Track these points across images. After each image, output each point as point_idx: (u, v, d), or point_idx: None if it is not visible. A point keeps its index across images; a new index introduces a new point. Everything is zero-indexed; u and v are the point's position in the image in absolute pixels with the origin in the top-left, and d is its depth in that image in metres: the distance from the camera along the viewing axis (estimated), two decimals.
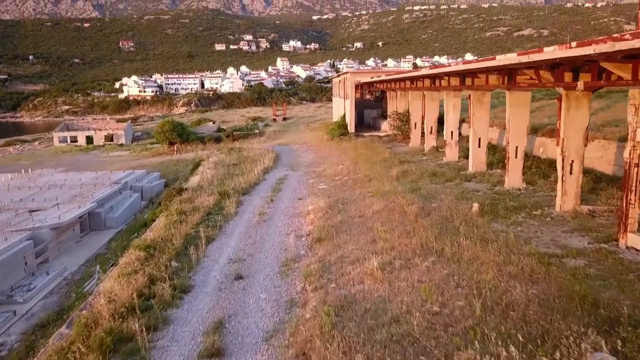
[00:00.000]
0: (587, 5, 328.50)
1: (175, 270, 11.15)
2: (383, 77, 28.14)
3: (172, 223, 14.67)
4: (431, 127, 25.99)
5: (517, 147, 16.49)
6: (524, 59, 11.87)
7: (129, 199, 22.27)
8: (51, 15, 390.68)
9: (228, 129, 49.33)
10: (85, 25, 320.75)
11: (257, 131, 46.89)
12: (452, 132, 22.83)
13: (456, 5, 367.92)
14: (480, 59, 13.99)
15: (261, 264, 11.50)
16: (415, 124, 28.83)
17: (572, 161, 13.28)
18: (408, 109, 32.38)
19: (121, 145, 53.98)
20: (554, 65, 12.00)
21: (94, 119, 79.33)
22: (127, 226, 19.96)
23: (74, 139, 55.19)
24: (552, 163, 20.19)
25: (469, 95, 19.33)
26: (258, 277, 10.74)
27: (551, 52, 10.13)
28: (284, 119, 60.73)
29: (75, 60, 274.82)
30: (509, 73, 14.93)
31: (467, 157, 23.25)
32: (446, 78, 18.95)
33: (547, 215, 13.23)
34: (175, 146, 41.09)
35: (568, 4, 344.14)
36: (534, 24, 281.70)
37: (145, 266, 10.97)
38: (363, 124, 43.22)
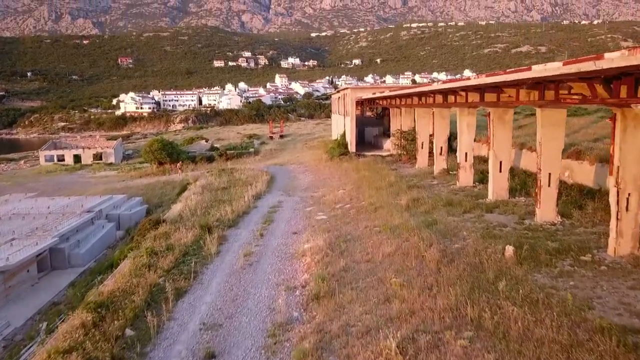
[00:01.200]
0: (583, 22, 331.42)
1: (128, 342, 8.49)
2: (387, 93, 25.81)
3: (139, 268, 12.05)
4: (441, 148, 23.55)
5: (550, 174, 14.00)
6: (573, 68, 9.44)
7: (102, 231, 19.67)
8: (51, 33, 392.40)
9: (222, 147, 46.95)
10: (85, 42, 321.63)
11: (252, 150, 44.46)
12: (466, 153, 20.38)
13: (453, 23, 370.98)
14: (509, 70, 11.53)
15: (241, 333, 8.85)
16: (422, 143, 26.42)
17: (629, 194, 10.76)
18: (414, 127, 30.07)
19: (110, 164, 51.51)
20: (610, 78, 9.59)
21: (83, 136, 77.09)
22: (96, 263, 17.33)
23: (61, 158, 52.71)
24: (582, 189, 17.73)
25: (488, 113, 16.93)
26: (236, 355, 8.08)
27: (622, 58, 7.69)
28: (281, 136, 58.42)
29: (74, 76, 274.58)
30: (543, 87, 12.56)
31: (482, 182, 20.84)
32: (463, 93, 16.56)
33: (600, 262, 10.65)
34: (179, 164, 38.50)
35: (564, 22, 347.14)
36: (531, 41, 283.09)
37: (88, 339, 8.30)
38: (364, 143, 40.86)
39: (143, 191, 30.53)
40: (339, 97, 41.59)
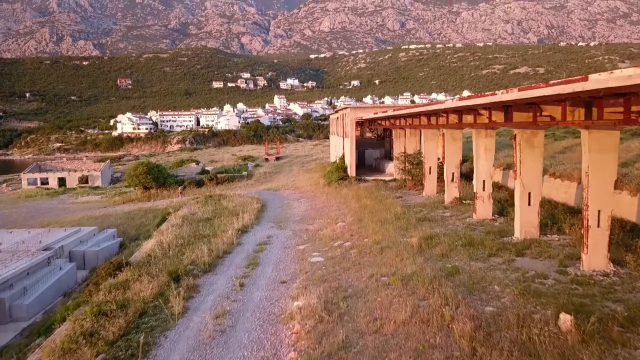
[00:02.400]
0: (580, 44, 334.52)
1: None
2: (391, 113, 23.25)
3: (74, 339, 9.15)
4: (452, 174, 20.85)
5: (599, 212, 11.26)
6: None
7: (58, 273, 16.80)
8: (52, 54, 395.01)
9: (213, 170, 44.28)
10: (84, 63, 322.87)
11: (245, 173, 41.73)
12: (484, 181, 17.68)
13: (451, 44, 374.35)
14: (552, 82, 8.86)
15: None
16: (430, 168, 23.76)
17: None
18: (419, 150, 27.49)
19: (97, 188, 48.72)
20: None
21: (69, 158, 74.48)
22: (45, 315, 14.41)
23: (45, 181, 49.94)
24: (623, 226, 14.99)
25: (514, 135, 14.30)
26: None
27: None
28: (277, 158, 55.80)
29: (72, 97, 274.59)
30: (589, 104, 9.97)
31: (502, 214, 18.11)
32: (484, 112, 13.94)
33: None
34: (180, 188, 35.44)
35: (562, 43, 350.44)
36: (529, 62, 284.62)
37: None
38: (364, 166, 38.28)
39: (122, 220, 27.69)
40: (338, 118, 39.17)
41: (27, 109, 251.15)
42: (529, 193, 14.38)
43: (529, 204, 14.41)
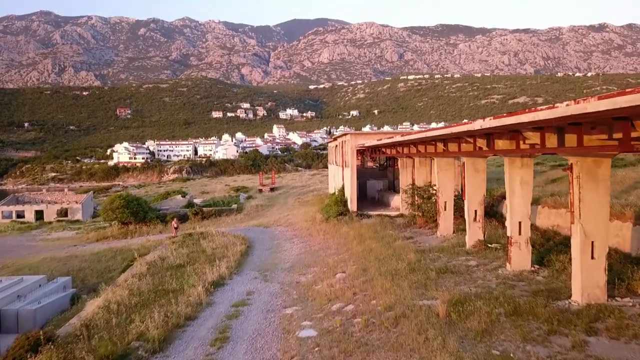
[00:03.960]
0: (577, 74, 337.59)
1: None
2: (398, 139, 19.82)
3: None
4: (475, 211, 17.24)
5: None
6: None
7: None
8: (54, 85, 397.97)
9: (202, 203, 40.67)
10: (84, 93, 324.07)
11: (234, 206, 38.00)
12: (520, 223, 14.06)
13: (449, 75, 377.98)
14: (627, 90, 5.24)
15: None
16: (446, 203, 20.16)
17: None
18: (430, 182, 23.98)
19: (76, 221, 44.94)
20: None
21: (48, 189, 70.98)
22: None
23: (21, 214, 46.22)
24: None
25: (570, 166, 10.80)
26: None
27: None
28: (272, 189, 52.18)
29: (71, 127, 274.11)
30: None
31: (542, 263, 14.44)
32: (531, 135, 10.46)
33: None
34: (174, 222, 30.23)
35: (559, 74, 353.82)
36: (527, 92, 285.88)
37: None
38: (366, 198, 34.69)
39: (86, 263, 23.88)
40: (337, 145, 35.85)
41: (25, 139, 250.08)
42: (592, 242, 10.74)
43: (593, 257, 10.75)
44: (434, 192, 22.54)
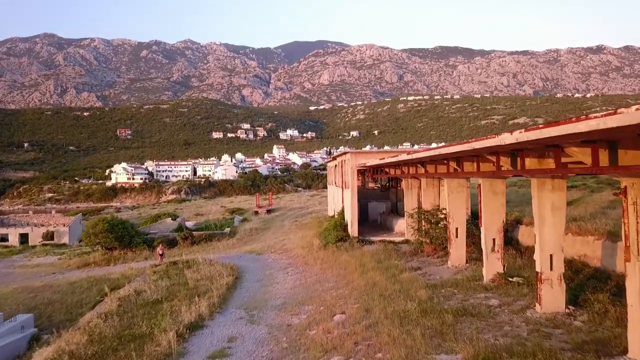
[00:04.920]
0: (577, 95, 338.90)
1: None
2: (403, 157, 17.78)
3: None
4: (493, 240, 15.07)
5: None
6: None
7: None
8: (55, 106, 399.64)
9: (194, 226, 38.46)
10: (85, 114, 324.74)
11: (227, 230, 35.74)
12: (551, 255, 11.91)
13: (449, 96, 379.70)
14: None
15: None
16: (457, 230, 18.00)
17: None
18: (438, 206, 21.87)
19: (62, 245, 42.65)
20: None
21: (36, 211, 68.84)
22: None
23: (4, 237, 43.96)
24: None
25: (624, 189, 8.73)
26: None
27: None
28: (268, 211, 49.90)
29: (71, 147, 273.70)
30: None
31: (577, 302, 12.22)
32: (577, 150, 8.42)
33: None
34: (159, 248, 27.56)
35: (558, 95, 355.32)
36: (527, 113, 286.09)
37: None
38: (367, 222, 32.51)
39: (59, 295, 21.58)
40: (336, 165, 33.85)
41: (24, 159, 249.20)
42: None
43: None
44: (443, 216, 20.44)
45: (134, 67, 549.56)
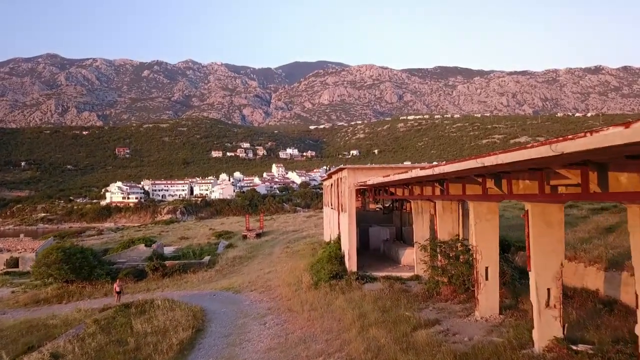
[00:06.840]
0: (577, 114, 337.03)
1: None
2: (414, 174, 13.41)
3: None
4: (548, 290, 10.60)
5: None
6: None
7: None
8: (56, 125, 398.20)
9: (170, 254, 33.86)
10: (84, 133, 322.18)
11: (207, 258, 30.99)
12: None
13: (449, 115, 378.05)
14: None
15: None
16: (488, 269, 13.54)
17: None
18: (457, 235, 17.41)
19: (27, 273, 37.96)
20: None
21: (25, 232, 64.19)
22: None
23: None
24: None
25: None
26: None
27: None
28: (258, 234, 45.23)
29: (68, 166, 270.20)
30: None
31: None
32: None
33: None
34: (117, 283, 22.84)
35: (558, 114, 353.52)
36: (528, 132, 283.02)
37: None
38: (368, 249, 27.98)
39: None
40: (332, 184, 29.46)
41: (20, 178, 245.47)
42: None
43: None
44: (465, 248, 16.00)
45: (135, 86, 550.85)
